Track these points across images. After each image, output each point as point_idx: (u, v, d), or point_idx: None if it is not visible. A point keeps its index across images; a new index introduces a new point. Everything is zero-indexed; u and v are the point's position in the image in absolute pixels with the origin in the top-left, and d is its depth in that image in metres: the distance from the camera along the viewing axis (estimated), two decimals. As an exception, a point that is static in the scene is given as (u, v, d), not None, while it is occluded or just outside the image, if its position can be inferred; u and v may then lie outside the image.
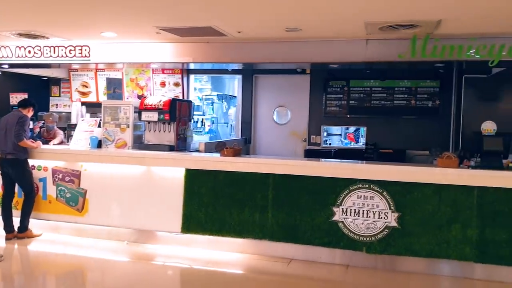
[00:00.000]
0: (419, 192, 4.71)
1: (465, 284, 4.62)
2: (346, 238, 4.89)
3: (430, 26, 5.12)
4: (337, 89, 8.27)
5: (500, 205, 4.51)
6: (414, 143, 7.56)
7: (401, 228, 4.74)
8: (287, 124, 8.70)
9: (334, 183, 4.93)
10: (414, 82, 7.73)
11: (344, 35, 5.94)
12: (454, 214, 4.61)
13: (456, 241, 4.61)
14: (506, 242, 4.48)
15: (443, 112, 7.45)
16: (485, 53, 5.39)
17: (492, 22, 5.01)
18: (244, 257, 5.20)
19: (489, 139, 4.67)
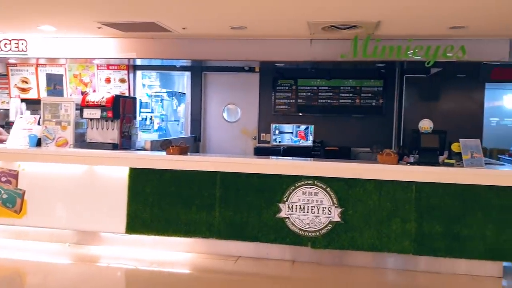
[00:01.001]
0: (360, 188, 4.84)
1: (407, 276, 4.79)
2: (292, 234, 4.95)
3: (370, 27, 5.29)
4: (285, 88, 8.37)
5: (436, 200, 4.71)
6: (359, 140, 7.80)
7: (344, 223, 4.86)
8: (237, 122, 8.71)
9: (281, 180, 4.97)
10: (358, 82, 7.97)
11: (289, 35, 6.02)
12: (394, 208, 4.78)
13: (396, 235, 4.78)
14: (442, 234, 4.70)
15: (386, 110, 7.73)
16: (422, 54, 5.64)
17: (427, 24, 5.25)
18: (191, 257, 5.16)
19: (426, 136, 4.87)
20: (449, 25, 5.24)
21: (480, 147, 4.72)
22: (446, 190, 4.69)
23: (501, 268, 4.76)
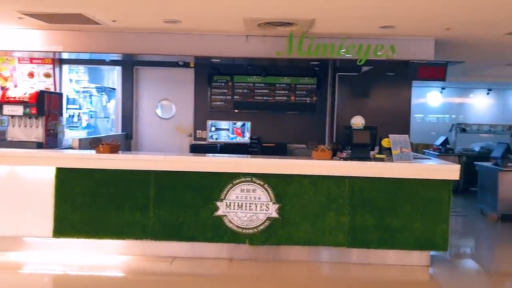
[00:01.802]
0: (297, 184, 4.89)
1: (340, 268, 4.92)
2: (230, 232, 4.91)
3: (305, 24, 5.35)
4: (221, 84, 8.30)
5: (368, 193, 4.87)
6: (295, 137, 7.91)
7: (281, 218, 4.89)
8: (172, 119, 8.51)
9: (218, 177, 4.91)
10: (293, 79, 8.08)
11: (225, 30, 5.96)
12: (329, 203, 4.88)
13: (330, 229, 4.89)
14: (374, 227, 4.87)
15: (320, 107, 7.90)
16: (355, 52, 5.80)
17: (359, 23, 5.40)
18: (125, 259, 4.96)
19: (358, 132, 5.02)
20: (380, 24, 5.43)
21: (408, 142, 4.94)
22: (377, 184, 4.86)
23: (428, 257, 5.01)
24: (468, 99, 12.92)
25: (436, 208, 4.84)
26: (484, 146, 10.30)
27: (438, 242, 4.87)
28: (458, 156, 10.06)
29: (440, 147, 10.43)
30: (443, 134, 11.08)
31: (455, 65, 6.57)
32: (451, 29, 5.58)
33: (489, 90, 12.54)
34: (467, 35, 5.94)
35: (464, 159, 9.96)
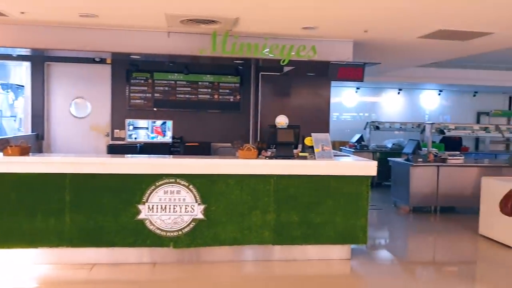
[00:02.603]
0: (223, 183, 4.85)
1: (265, 266, 4.95)
2: (153, 236, 4.75)
3: (229, 23, 5.31)
4: (141, 81, 8.02)
5: (292, 191, 4.95)
6: (219, 136, 7.85)
7: (207, 219, 4.82)
8: (87, 118, 8.07)
9: (139, 179, 4.72)
10: (216, 77, 8.01)
11: (146, 26, 5.75)
12: (254, 202, 4.90)
13: (256, 227, 4.91)
14: (298, 223, 4.96)
15: (244, 106, 7.92)
16: (278, 52, 5.86)
17: (282, 23, 5.47)
18: (40, 269, 4.59)
19: (282, 131, 5.08)
20: (302, 25, 5.54)
21: (329, 141, 5.09)
22: (301, 181, 4.96)
23: (349, 250, 5.21)
24: (381, 98, 13.68)
25: (356, 203, 5.05)
26: (396, 142, 10.97)
27: (358, 235, 5.08)
28: (372, 152, 10.63)
29: (356, 144, 10.94)
30: (358, 131, 11.64)
31: (372, 66, 6.89)
32: (369, 31, 5.84)
33: (400, 90, 13.37)
34: (383, 38, 6.26)
35: (378, 155, 10.54)
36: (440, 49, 6.91)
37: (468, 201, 7.65)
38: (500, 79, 11.26)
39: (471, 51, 7.21)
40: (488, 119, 13.40)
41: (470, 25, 5.39)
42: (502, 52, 7.52)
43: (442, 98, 13.86)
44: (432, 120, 12.42)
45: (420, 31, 5.74)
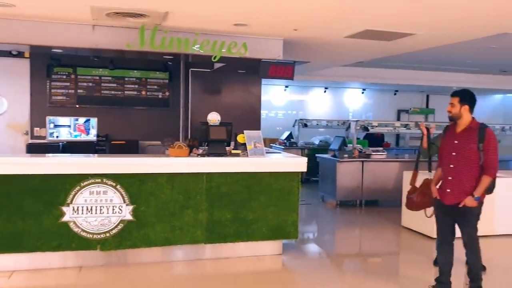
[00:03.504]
0: (153, 183, 4.71)
1: (197, 266, 4.89)
2: (79, 238, 4.52)
3: (158, 17, 5.16)
4: (63, 77, 7.60)
5: (225, 188, 4.93)
6: (147, 133, 7.63)
7: (136, 220, 4.67)
8: (3, 115, 7.49)
9: (63, 180, 4.47)
10: (144, 73, 7.77)
11: (69, 18, 5.43)
12: (186, 200, 4.81)
13: (188, 226, 4.83)
14: (230, 221, 4.95)
15: (173, 103, 7.75)
16: (209, 48, 5.79)
17: (213, 19, 5.42)
18: None
19: (214, 128, 5.04)
20: (233, 22, 5.52)
21: (261, 138, 5.13)
22: (234, 179, 4.95)
23: (280, 246, 5.29)
24: (308, 96, 14.05)
25: (287, 199, 5.13)
26: (323, 139, 11.33)
27: (289, 230, 5.16)
28: (301, 149, 10.90)
29: (285, 141, 11.16)
30: (287, 129, 11.88)
31: (301, 64, 7.03)
32: (298, 30, 5.95)
33: (326, 88, 13.81)
34: (312, 37, 6.40)
35: (306, 152, 10.82)
36: (366, 49, 7.21)
37: (391, 194, 8.06)
38: (418, 79, 12.00)
39: (395, 51, 7.59)
40: (408, 117, 14.23)
41: (395, 26, 5.67)
42: (421, 53, 8.00)
43: (365, 97, 14.51)
44: (355, 118, 12.97)
45: (347, 30, 5.95)
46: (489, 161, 3.81)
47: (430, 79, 11.90)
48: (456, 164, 3.94)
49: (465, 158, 3.89)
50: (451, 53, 8.70)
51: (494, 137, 3.88)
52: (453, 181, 3.95)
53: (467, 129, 3.91)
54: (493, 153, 3.83)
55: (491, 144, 3.83)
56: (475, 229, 3.99)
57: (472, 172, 3.87)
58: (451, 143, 3.98)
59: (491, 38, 6.50)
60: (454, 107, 3.94)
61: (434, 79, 11.92)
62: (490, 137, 3.85)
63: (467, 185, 3.87)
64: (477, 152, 3.83)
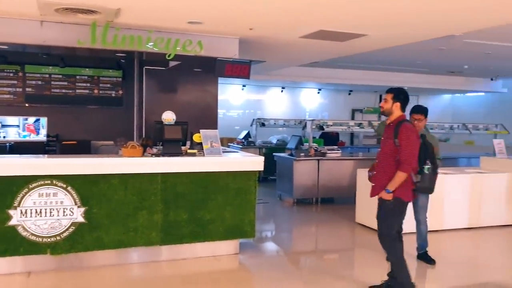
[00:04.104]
0: (105, 184, 4.58)
1: (153, 268, 4.80)
2: (27, 243, 4.33)
3: (110, 13, 5.02)
4: (9, 74, 7.27)
5: (181, 189, 4.86)
6: (100, 133, 7.39)
7: (88, 222, 4.52)
8: None
9: (9, 182, 4.27)
10: (96, 71, 7.54)
11: (14, 13, 5.19)
12: (141, 201, 4.71)
13: (143, 228, 4.73)
14: (187, 222, 4.89)
15: (127, 102, 7.56)
16: (163, 46, 5.69)
17: (167, 16, 5.33)
18: None
19: (169, 128, 4.95)
20: (187, 19, 5.45)
21: (218, 137, 5.09)
22: (190, 179, 4.89)
23: (237, 245, 5.28)
24: (266, 96, 14.13)
25: (244, 198, 5.12)
26: (280, 138, 11.41)
27: (246, 230, 5.16)
28: (259, 148, 10.93)
29: (243, 140, 11.17)
30: (245, 128, 11.89)
31: (258, 64, 7.04)
32: (254, 29, 5.96)
33: (283, 88, 13.94)
34: (268, 36, 6.44)
35: (264, 151, 10.86)
36: (321, 49, 7.32)
37: (345, 192, 8.22)
38: (371, 79, 12.33)
39: (349, 52, 7.75)
40: (361, 116, 14.59)
41: (348, 27, 5.78)
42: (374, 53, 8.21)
43: (321, 96, 14.76)
44: (312, 117, 13.16)
45: (302, 31, 6.01)
46: (402, 156, 3.79)
47: (383, 79, 12.25)
48: (379, 159, 4.07)
49: (384, 154, 3.97)
50: (402, 54, 9.00)
51: (409, 132, 3.82)
52: (376, 175, 4.08)
53: (390, 125, 3.97)
54: (406, 148, 3.78)
55: (403, 139, 3.79)
56: (386, 226, 3.96)
57: (389, 167, 3.90)
58: (381, 139, 4.12)
59: (439, 40, 6.77)
60: (386, 103, 3.98)
61: (387, 79, 12.27)
62: (404, 132, 3.81)
63: (385, 180, 3.90)
64: (393, 147, 3.85)
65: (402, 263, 4.00)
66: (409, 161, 3.81)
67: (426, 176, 3.82)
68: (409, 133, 3.83)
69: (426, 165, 3.79)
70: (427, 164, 3.79)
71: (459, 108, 16.18)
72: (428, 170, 3.86)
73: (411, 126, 3.92)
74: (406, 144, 3.80)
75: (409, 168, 3.82)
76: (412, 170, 3.88)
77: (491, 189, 6.78)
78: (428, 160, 3.79)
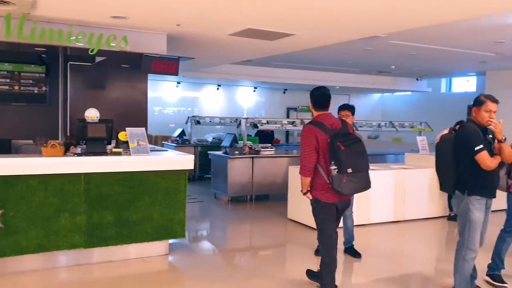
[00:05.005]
0: (23, 185, 4.33)
1: (80, 271, 4.62)
2: None
3: (25, 5, 4.72)
4: None
5: (106, 189, 4.68)
6: (21, 132, 6.93)
7: (4, 226, 4.26)
8: None
9: None
10: (17, 66, 7.04)
11: None
12: (62, 203, 4.50)
13: (66, 231, 4.52)
14: (113, 223, 4.72)
15: (51, 98, 7.16)
16: (86, 40, 5.45)
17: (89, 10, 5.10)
18: None
19: (93, 126, 4.75)
20: (111, 14, 5.25)
21: (145, 135, 4.95)
22: (115, 179, 4.73)
23: (167, 246, 5.18)
24: (201, 93, 14.01)
25: (174, 198, 5.02)
26: (216, 136, 11.35)
27: (176, 230, 5.07)
28: (194, 146, 10.81)
29: (178, 138, 10.99)
30: (180, 126, 11.71)
31: (187, 60, 6.93)
32: (182, 25, 5.85)
33: (219, 85, 13.88)
34: (196, 33, 6.35)
35: (199, 149, 10.76)
36: (251, 47, 7.34)
37: (280, 188, 8.31)
38: (305, 78, 12.58)
39: (279, 51, 7.83)
40: (296, 114, 14.87)
41: (276, 26, 5.82)
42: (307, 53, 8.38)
43: (257, 95, 14.88)
44: (249, 115, 13.23)
45: (231, 28, 5.99)
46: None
47: (316, 78, 12.54)
48: None
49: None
50: (334, 54, 9.26)
51: (303, 134, 3.77)
52: None
53: None
54: (300, 151, 3.78)
55: (300, 142, 3.80)
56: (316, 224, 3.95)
57: None
58: None
59: (366, 40, 7.02)
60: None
61: (320, 78, 12.58)
62: (301, 134, 3.82)
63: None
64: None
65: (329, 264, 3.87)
66: (302, 163, 3.75)
67: (333, 178, 3.57)
68: (303, 135, 3.77)
69: (331, 166, 3.55)
70: (332, 166, 3.55)
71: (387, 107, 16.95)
72: (333, 172, 3.58)
73: (310, 127, 3.76)
74: (301, 146, 3.77)
75: (302, 170, 3.75)
76: (308, 172, 3.74)
77: (414, 184, 7.13)
78: (333, 162, 3.55)
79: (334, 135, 3.63)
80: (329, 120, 3.80)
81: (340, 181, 3.56)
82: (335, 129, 3.74)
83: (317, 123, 3.77)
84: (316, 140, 3.68)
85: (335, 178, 3.57)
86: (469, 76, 13.82)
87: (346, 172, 3.55)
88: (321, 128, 3.71)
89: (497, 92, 5.13)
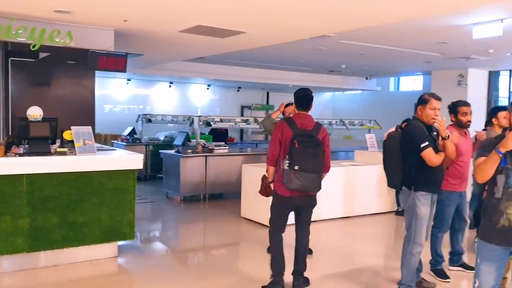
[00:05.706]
0: (-43, 189, 4.08)
1: (26, 275, 4.42)
2: None
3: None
4: None
5: (50, 190, 4.50)
6: (-42, 131, 6.56)
7: None
8: None
9: None
10: (-47, 61, 6.66)
11: None
12: (3, 206, 4.28)
13: (7, 235, 4.31)
14: (57, 226, 4.54)
15: (-9, 96, 6.80)
16: (27, 36, 5.20)
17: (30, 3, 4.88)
18: None
19: (36, 125, 4.54)
20: (54, 8, 5.04)
21: (92, 134, 4.79)
22: (60, 180, 4.56)
23: (116, 248, 5.04)
24: (153, 91, 13.75)
25: (122, 198, 4.89)
26: (168, 135, 11.15)
27: (125, 231, 4.94)
28: (145, 145, 10.58)
29: (128, 137, 10.72)
30: (131, 124, 11.41)
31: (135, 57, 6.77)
32: (129, 21, 5.70)
33: (171, 83, 13.66)
34: (145, 29, 6.21)
35: (150, 148, 10.55)
36: (202, 45, 7.27)
37: (234, 187, 8.27)
38: (259, 77, 12.61)
39: (230, 48, 7.80)
40: (250, 112, 14.90)
41: (225, 23, 5.79)
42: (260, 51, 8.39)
43: (211, 93, 14.78)
44: (203, 113, 13.11)
45: (180, 25, 5.90)
46: None
47: (270, 77, 12.61)
48: None
49: None
50: (286, 53, 9.33)
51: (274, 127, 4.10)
52: None
53: None
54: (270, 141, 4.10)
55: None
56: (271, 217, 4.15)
57: None
58: None
59: (316, 39, 7.11)
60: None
61: (273, 77, 12.67)
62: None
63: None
64: None
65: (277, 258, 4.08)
66: (268, 153, 4.04)
67: (284, 171, 3.85)
68: (273, 128, 4.13)
69: (285, 160, 3.83)
70: (285, 160, 3.82)
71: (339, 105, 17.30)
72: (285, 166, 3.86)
73: (281, 122, 4.09)
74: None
75: (267, 160, 4.06)
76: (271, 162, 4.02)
77: (363, 180, 7.32)
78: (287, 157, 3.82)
79: (297, 134, 3.88)
80: (302, 120, 3.99)
81: (288, 175, 3.83)
82: (304, 129, 3.93)
83: (289, 120, 4.04)
84: (281, 133, 3.94)
85: (285, 172, 3.85)
86: (416, 75, 14.32)
87: (293, 169, 3.80)
88: (290, 125, 3.95)
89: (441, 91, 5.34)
